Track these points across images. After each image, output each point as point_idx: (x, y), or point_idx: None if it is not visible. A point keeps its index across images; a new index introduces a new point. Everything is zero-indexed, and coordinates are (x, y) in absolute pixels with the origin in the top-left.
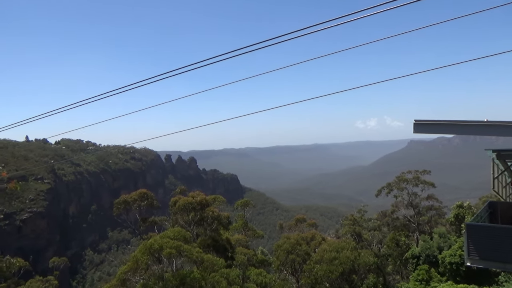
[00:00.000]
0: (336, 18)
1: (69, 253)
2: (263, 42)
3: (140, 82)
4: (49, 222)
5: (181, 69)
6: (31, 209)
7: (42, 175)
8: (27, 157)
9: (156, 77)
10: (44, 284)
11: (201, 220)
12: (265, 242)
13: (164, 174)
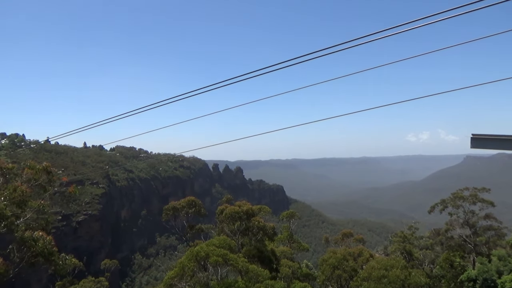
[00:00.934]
0: (398, 25)
1: (120, 256)
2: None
3: (190, 92)
4: (102, 225)
5: (233, 79)
6: (87, 211)
7: (97, 180)
8: (84, 163)
9: (206, 87)
10: (96, 285)
11: (247, 229)
12: (310, 256)
13: (211, 182)
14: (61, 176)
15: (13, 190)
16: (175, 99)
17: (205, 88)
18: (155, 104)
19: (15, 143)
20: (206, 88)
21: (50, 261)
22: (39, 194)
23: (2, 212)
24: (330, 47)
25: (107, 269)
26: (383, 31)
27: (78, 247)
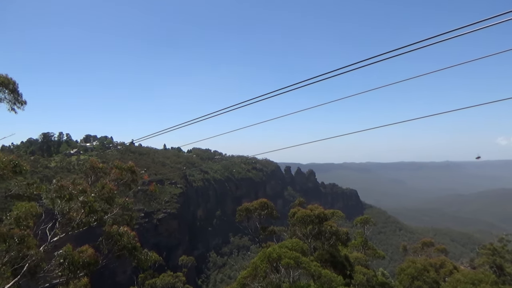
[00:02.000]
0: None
1: (196, 253)
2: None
3: (267, 95)
4: (180, 223)
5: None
6: (166, 210)
7: (176, 180)
8: (164, 163)
9: (283, 89)
10: (174, 279)
11: (319, 233)
12: (386, 264)
13: (283, 185)
14: (143, 175)
15: (102, 187)
16: (247, 103)
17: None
18: (229, 108)
19: (104, 145)
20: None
21: (134, 255)
22: (124, 191)
23: (94, 207)
24: (422, 41)
25: (185, 265)
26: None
27: (158, 242)
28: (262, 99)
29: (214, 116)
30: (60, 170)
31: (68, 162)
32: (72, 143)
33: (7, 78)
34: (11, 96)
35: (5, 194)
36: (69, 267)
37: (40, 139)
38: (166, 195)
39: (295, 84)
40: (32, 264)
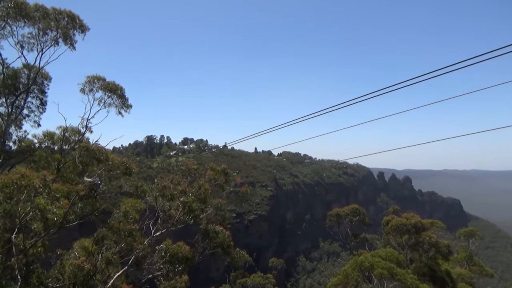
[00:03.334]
0: None
1: (285, 256)
2: None
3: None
4: (270, 225)
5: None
6: (256, 211)
7: (266, 183)
8: (255, 166)
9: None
10: (264, 280)
11: (416, 244)
12: (495, 283)
13: (376, 191)
14: (236, 177)
15: (198, 188)
16: (339, 106)
17: (370, 94)
18: (321, 111)
19: (200, 147)
20: (370, 94)
21: (228, 253)
22: (218, 192)
23: (192, 207)
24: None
25: (274, 267)
26: None
27: (249, 243)
28: (359, 101)
29: (305, 120)
30: (161, 170)
31: (168, 163)
32: (172, 145)
33: (115, 85)
34: (119, 101)
35: (117, 191)
36: (170, 260)
37: (144, 142)
38: (256, 197)
39: (400, 82)
40: (138, 255)
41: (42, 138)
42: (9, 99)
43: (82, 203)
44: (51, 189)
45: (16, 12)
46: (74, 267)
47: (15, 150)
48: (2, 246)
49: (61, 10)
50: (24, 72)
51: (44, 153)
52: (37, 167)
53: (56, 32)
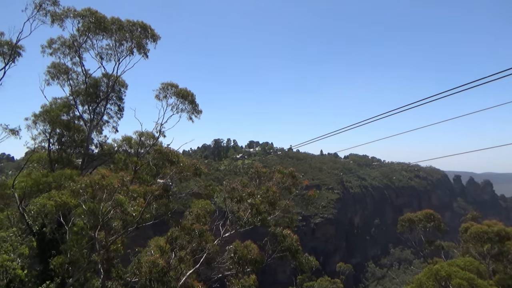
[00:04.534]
0: None
1: (353, 261)
2: None
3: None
4: (337, 229)
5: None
6: (323, 215)
7: (332, 186)
8: (321, 169)
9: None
10: (332, 285)
11: (499, 254)
12: None
13: (451, 196)
14: (303, 180)
15: (267, 190)
16: (407, 107)
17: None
18: (388, 112)
19: (265, 150)
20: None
21: (296, 257)
22: (284, 195)
23: (260, 209)
24: None
25: (342, 272)
26: None
27: (315, 247)
28: (430, 101)
29: (372, 121)
30: (228, 172)
31: (234, 165)
32: (238, 148)
33: (187, 91)
34: (190, 106)
35: (188, 193)
36: (239, 261)
37: (212, 145)
38: (323, 200)
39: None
40: (208, 255)
41: (120, 142)
42: (91, 106)
43: (156, 203)
44: (128, 189)
45: (96, 26)
46: (150, 263)
47: (97, 153)
48: (87, 242)
49: (134, 22)
50: (103, 81)
51: (122, 156)
52: (116, 169)
53: (130, 42)
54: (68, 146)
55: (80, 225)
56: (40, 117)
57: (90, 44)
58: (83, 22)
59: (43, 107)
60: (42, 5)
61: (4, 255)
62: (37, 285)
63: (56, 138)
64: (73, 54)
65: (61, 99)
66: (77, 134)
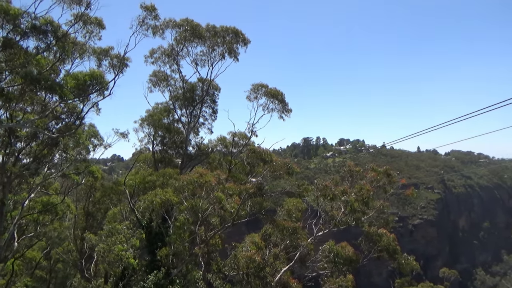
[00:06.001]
0: None
1: (458, 267)
2: None
3: None
4: (439, 231)
5: None
6: (422, 216)
7: (432, 185)
8: (418, 167)
9: None
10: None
11: None
12: None
13: None
14: (400, 178)
15: (360, 189)
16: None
17: None
18: (500, 103)
19: (356, 148)
20: None
21: (394, 258)
22: (379, 194)
23: (354, 207)
24: None
25: (446, 278)
26: None
27: (414, 249)
28: None
29: (477, 115)
30: (318, 171)
31: (325, 164)
32: (328, 146)
33: (277, 90)
34: (280, 106)
35: (280, 191)
36: (334, 260)
37: (301, 143)
38: (421, 200)
39: None
40: (302, 253)
41: (216, 143)
42: (188, 110)
43: (251, 201)
44: (224, 187)
45: (191, 34)
46: (247, 258)
47: (194, 153)
48: (188, 236)
49: (227, 27)
50: (198, 85)
51: (217, 155)
52: (211, 168)
53: (222, 47)
54: (169, 147)
55: (182, 221)
56: (145, 121)
57: (186, 52)
58: (180, 31)
59: (147, 112)
60: (144, 21)
61: (119, 245)
62: (147, 274)
63: (159, 140)
64: (172, 62)
65: (161, 104)
66: (177, 135)
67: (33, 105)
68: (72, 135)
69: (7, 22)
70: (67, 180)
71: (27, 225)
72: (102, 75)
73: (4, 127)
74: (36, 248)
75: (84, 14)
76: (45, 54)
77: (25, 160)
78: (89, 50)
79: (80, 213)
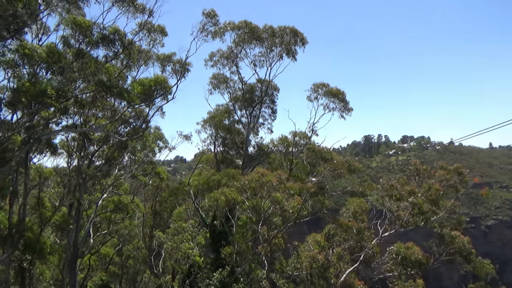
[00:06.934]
0: None
1: None
2: None
3: None
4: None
5: None
6: (496, 216)
7: (507, 184)
8: (491, 164)
9: None
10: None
11: None
12: None
13: None
14: (473, 177)
15: (428, 188)
16: None
17: None
18: None
19: (421, 145)
20: None
21: (469, 261)
22: (448, 194)
23: (422, 208)
24: None
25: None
26: None
27: (489, 252)
28: None
29: None
30: (381, 170)
31: (387, 162)
32: (390, 144)
33: (338, 90)
34: (341, 105)
35: (341, 190)
36: (402, 262)
37: (362, 141)
38: (495, 200)
39: None
40: (367, 254)
41: (277, 143)
42: (247, 111)
43: (312, 200)
44: (285, 186)
45: (250, 36)
46: (310, 258)
47: (255, 154)
48: (251, 235)
49: (285, 27)
50: (257, 86)
51: (277, 155)
52: (272, 168)
53: (280, 48)
54: (230, 147)
55: (244, 220)
56: (207, 123)
57: (244, 54)
58: (238, 34)
59: (208, 114)
60: (204, 27)
61: (186, 243)
62: (211, 272)
63: (220, 141)
64: (230, 64)
65: (222, 106)
66: (237, 136)
67: (104, 110)
68: (139, 138)
69: (80, 33)
70: (135, 181)
71: (101, 223)
72: (165, 80)
73: (79, 132)
74: (109, 245)
75: (148, 22)
76: (113, 62)
77: (97, 162)
78: (153, 57)
79: (148, 212)
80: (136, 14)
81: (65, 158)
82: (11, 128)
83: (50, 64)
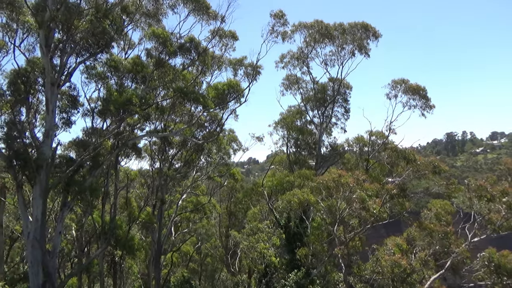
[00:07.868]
0: None
1: None
2: None
3: None
4: None
5: None
6: None
7: None
8: None
9: None
10: None
11: None
12: None
13: None
14: None
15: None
16: None
17: None
18: None
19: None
20: None
21: None
22: None
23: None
24: None
25: None
26: None
27: None
28: None
29: None
30: (467, 169)
31: (474, 161)
32: (477, 141)
33: (418, 86)
34: (422, 102)
35: (425, 192)
36: (496, 270)
37: (444, 139)
38: None
39: None
40: (455, 260)
41: (352, 142)
42: (320, 111)
43: (391, 202)
44: (363, 187)
45: (320, 35)
46: (392, 262)
47: (328, 154)
48: (326, 237)
49: (355, 23)
50: (329, 85)
51: (351, 155)
52: (346, 168)
53: (352, 45)
54: (302, 148)
55: (318, 221)
56: (279, 124)
57: (315, 53)
58: (310, 33)
59: (280, 115)
60: (274, 28)
61: (262, 243)
62: (287, 272)
63: (292, 142)
64: (301, 64)
65: (293, 107)
66: (310, 137)
67: (181, 115)
68: (215, 140)
69: (159, 44)
70: (211, 182)
71: (181, 222)
72: (238, 84)
73: (160, 136)
74: (189, 243)
75: (220, 29)
76: (190, 68)
77: (177, 164)
78: (226, 62)
79: (224, 212)
80: (210, 21)
81: (148, 161)
82: (102, 135)
83: (134, 74)
